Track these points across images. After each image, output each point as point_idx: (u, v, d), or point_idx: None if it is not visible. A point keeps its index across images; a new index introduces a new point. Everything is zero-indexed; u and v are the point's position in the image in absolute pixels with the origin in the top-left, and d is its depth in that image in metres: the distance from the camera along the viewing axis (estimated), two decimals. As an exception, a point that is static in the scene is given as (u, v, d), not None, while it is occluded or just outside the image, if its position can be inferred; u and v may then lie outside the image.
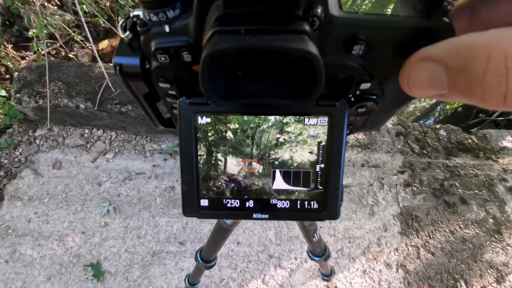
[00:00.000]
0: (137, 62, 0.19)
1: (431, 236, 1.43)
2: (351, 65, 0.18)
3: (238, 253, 1.34)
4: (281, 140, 0.21)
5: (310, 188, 0.21)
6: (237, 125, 0.20)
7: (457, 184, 1.56)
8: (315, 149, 0.21)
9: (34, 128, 1.59)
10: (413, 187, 1.55)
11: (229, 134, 0.21)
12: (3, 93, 1.66)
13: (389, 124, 1.73)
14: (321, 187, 0.21)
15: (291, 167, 0.21)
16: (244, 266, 1.31)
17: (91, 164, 1.52)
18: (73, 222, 1.38)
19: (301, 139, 0.21)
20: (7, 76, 2.10)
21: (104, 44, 2.40)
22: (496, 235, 1.44)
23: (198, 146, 0.21)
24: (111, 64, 1.47)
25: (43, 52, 1.35)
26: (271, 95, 0.16)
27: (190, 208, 0.22)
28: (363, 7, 0.18)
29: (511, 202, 1.52)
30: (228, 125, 0.20)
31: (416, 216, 1.48)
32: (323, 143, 0.21)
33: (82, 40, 2.14)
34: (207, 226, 1.40)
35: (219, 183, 0.21)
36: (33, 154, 1.54)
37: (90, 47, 2.32)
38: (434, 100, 2.71)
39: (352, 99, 0.21)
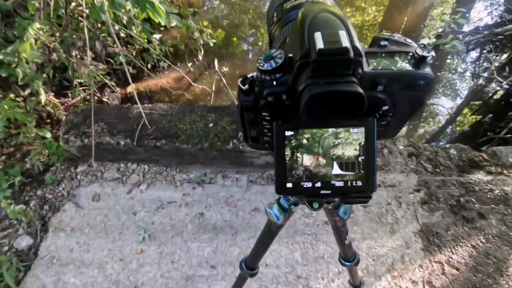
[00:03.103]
0: (252, 100, 0.34)
1: (454, 252, 1.47)
2: (377, 96, 0.32)
3: (267, 275, 1.41)
4: (336, 143, 0.33)
5: (355, 172, 0.33)
6: (309, 135, 0.33)
7: (473, 200, 1.62)
8: (358, 147, 0.33)
9: (75, 165, 1.76)
10: (430, 204, 1.61)
11: (304, 141, 0.34)
12: (48, 134, 1.86)
13: (400, 146, 1.84)
14: (363, 171, 0.33)
15: (344, 159, 0.34)
16: (273, 287, 1.37)
17: (126, 195, 1.65)
18: (111, 250, 1.48)
19: (349, 141, 0.33)
20: (48, 120, 2.35)
21: (130, 88, 2.67)
22: (518, 249, 1.47)
23: (285, 149, 0.34)
24: (146, 105, 1.66)
25: (88, 97, 1.56)
26: (337, 115, 0.29)
27: (280, 188, 0.34)
28: (383, 62, 0.31)
29: (529, 215, 1.56)
30: (304, 135, 0.33)
31: (437, 232, 1.53)
32: (362, 143, 0.33)
33: (113, 85, 2.41)
34: (236, 249, 1.47)
35: (299, 172, 0.34)
36: (75, 188, 1.69)
37: (119, 91, 2.57)
38: (443, 122, 2.82)
39: (377, 116, 0.34)
